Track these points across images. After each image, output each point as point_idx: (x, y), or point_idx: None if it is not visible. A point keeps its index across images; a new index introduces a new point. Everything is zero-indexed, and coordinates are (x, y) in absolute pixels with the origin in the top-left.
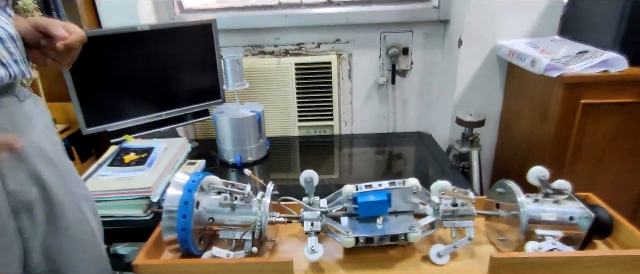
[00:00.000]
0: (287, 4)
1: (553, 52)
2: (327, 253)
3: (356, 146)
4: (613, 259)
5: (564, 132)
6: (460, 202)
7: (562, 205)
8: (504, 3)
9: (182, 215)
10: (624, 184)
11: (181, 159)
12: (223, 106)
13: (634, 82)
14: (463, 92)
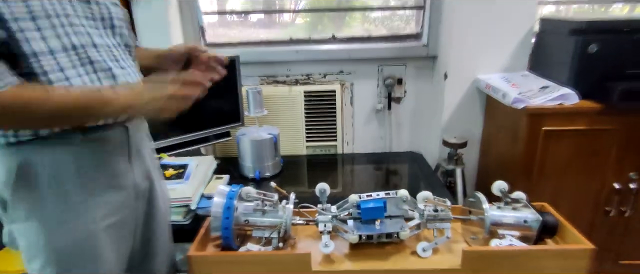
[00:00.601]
0: (297, 40)
1: (522, 86)
2: (336, 248)
3: (357, 163)
4: (554, 252)
5: (531, 153)
6: (440, 208)
7: (518, 211)
8: (482, 42)
9: (225, 217)
10: (583, 196)
11: (210, 174)
12: (244, 128)
13: (584, 113)
14: (449, 118)
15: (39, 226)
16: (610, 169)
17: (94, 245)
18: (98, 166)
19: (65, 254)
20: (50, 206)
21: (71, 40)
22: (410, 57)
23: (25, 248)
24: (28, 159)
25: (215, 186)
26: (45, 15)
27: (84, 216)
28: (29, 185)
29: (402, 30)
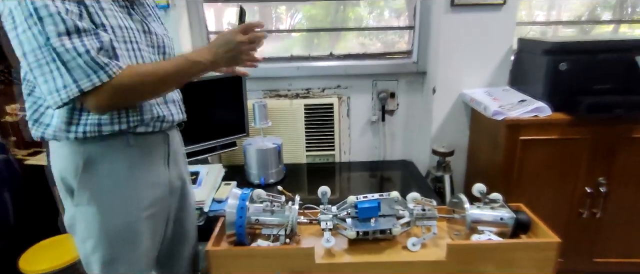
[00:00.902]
0: (298, 57)
1: (502, 100)
2: (337, 244)
3: (353, 171)
4: (526, 245)
5: (510, 161)
6: (427, 208)
7: (496, 210)
8: (467, 60)
9: (239, 216)
10: (558, 199)
11: (219, 180)
12: (250, 139)
13: (556, 124)
14: (437, 129)
15: (96, 211)
16: (581, 174)
17: (136, 231)
18: (144, 164)
19: (113, 237)
20: (106, 195)
21: (139, 60)
22: (401, 73)
23: (83, 229)
24: (92, 156)
25: (224, 191)
26: (127, 41)
27: (131, 206)
28: (92, 177)
29: (397, 44)
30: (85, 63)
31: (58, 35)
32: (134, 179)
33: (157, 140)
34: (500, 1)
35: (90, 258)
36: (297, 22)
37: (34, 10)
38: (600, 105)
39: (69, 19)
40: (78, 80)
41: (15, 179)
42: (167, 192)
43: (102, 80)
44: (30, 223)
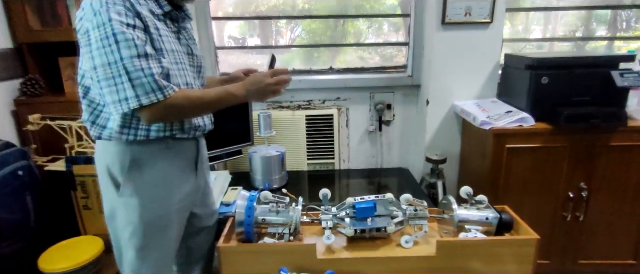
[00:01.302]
0: (299, 71)
1: (490, 111)
2: (336, 241)
3: (352, 178)
4: (507, 241)
5: (497, 167)
6: (419, 208)
7: (481, 211)
8: (457, 74)
9: (247, 216)
10: (543, 203)
11: (226, 186)
12: (254, 147)
13: (538, 133)
14: (431, 138)
15: (137, 202)
16: (563, 180)
17: (168, 222)
18: (178, 165)
19: (149, 225)
20: (147, 189)
21: (186, 79)
22: (397, 85)
23: (123, 217)
24: (137, 156)
25: (231, 195)
26: (178, 62)
27: (166, 200)
28: (136, 174)
29: (395, 57)
30: (149, 83)
31: (130, 57)
32: (170, 177)
33: (190, 145)
34: (487, 20)
35: (128, 243)
36: (297, 35)
37: (112, 34)
38: (578, 115)
39: (140, 44)
40: (140, 95)
41: (36, 184)
42: (194, 189)
43: (159, 98)
44: (49, 225)
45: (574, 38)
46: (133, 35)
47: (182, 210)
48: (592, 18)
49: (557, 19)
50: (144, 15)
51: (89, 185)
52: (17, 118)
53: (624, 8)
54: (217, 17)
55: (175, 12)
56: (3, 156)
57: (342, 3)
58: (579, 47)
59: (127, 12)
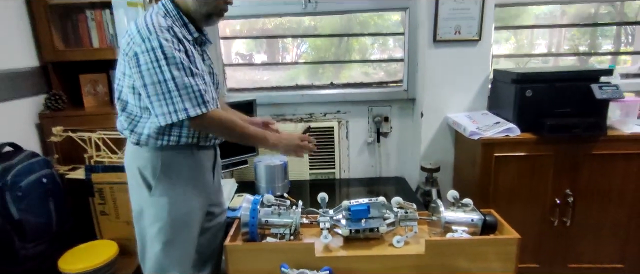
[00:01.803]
0: (302, 86)
1: (480, 122)
2: (333, 241)
3: (351, 186)
4: (490, 240)
5: (486, 175)
6: (410, 211)
7: (467, 213)
8: (449, 88)
9: (252, 217)
10: (531, 209)
11: (232, 193)
12: (259, 157)
13: (524, 142)
14: (426, 148)
15: (167, 201)
16: (549, 187)
17: (191, 219)
18: (200, 169)
19: (176, 222)
20: (175, 190)
21: (211, 94)
22: (394, 99)
23: (152, 215)
24: (167, 161)
25: (237, 201)
26: (206, 81)
27: (190, 199)
28: (166, 176)
29: (398, 72)
30: (196, 97)
31: (181, 76)
32: (194, 179)
33: (209, 152)
34: (476, 38)
35: (154, 239)
36: (304, 51)
37: (163, 57)
38: (561, 126)
39: (187, 64)
40: (188, 108)
41: (58, 191)
42: (212, 191)
43: (203, 111)
44: (69, 229)
45: (567, 53)
46: (180, 57)
47: (201, 210)
48: (597, 32)
49: (562, 33)
50: (180, 39)
51: (106, 192)
52: (41, 130)
53: (607, 25)
54: (226, 36)
55: (201, 37)
56: (30, 165)
57: (345, 17)
58: (583, 61)
59: (173, 39)
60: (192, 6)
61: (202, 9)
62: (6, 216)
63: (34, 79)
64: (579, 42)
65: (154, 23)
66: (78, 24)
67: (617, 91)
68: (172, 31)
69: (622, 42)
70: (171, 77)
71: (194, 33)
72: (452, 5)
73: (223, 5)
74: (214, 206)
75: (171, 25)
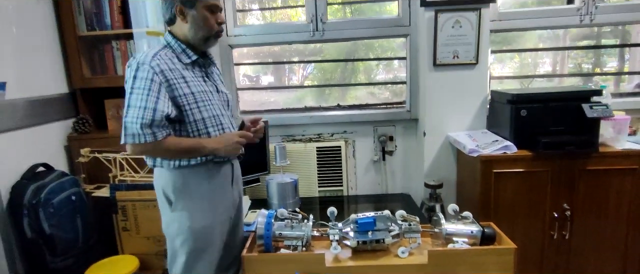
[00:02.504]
0: (310, 108)
1: (479, 140)
2: (342, 252)
3: (359, 203)
4: (488, 250)
5: (487, 190)
6: (413, 223)
7: (467, 225)
8: (450, 108)
9: (267, 230)
10: (532, 223)
11: (246, 209)
12: (271, 175)
13: (521, 159)
14: (429, 166)
15: (188, 215)
16: (548, 201)
17: (213, 231)
18: (218, 184)
19: (198, 234)
20: (194, 204)
21: (213, 112)
22: (398, 119)
23: (176, 228)
24: (186, 178)
25: (251, 217)
26: (205, 99)
27: (210, 213)
28: (185, 192)
29: (404, 92)
30: (139, 127)
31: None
32: (213, 194)
33: (226, 167)
34: (473, 61)
35: (179, 250)
36: (310, 73)
37: (131, 86)
38: (555, 143)
39: (152, 95)
40: (127, 135)
41: (84, 208)
42: (231, 204)
43: (139, 141)
44: (93, 245)
45: (564, 74)
46: (148, 88)
47: (223, 221)
48: (601, 50)
49: (565, 52)
50: (169, 69)
51: (129, 209)
52: (69, 151)
53: (603, 48)
54: (239, 63)
55: (201, 60)
56: (61, 184)
57: (351, 38)
58: (586, 80)
59: (154, 70)
60: (189, 34)
61: (198, 34)
62: (39, 231)
63: (64, 104)
64: (583, 60)
65: (143, 57)
66: (104, 54)
67: (606, 109)
68: (157, 65)
69: (627, 59)
70: (127, 105)
71: (193, 57)
72: (449, 32)
73: (217, 27)
74: (234, 218)
75: (162, 57)
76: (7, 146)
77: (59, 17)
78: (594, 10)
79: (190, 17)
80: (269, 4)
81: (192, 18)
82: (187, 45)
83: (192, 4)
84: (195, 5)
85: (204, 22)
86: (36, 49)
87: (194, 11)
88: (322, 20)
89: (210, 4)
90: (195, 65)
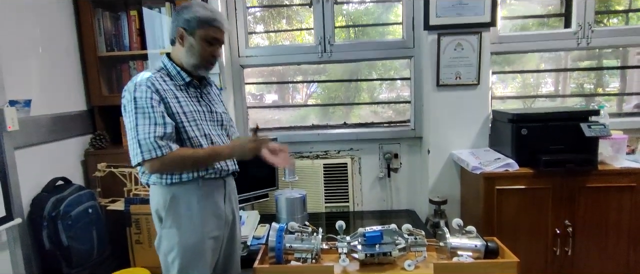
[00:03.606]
0: (318, 126)
1: (482, 158)
2: (350, 264)
3: (365, 219)
4: (491, 263)
5: (490, 207)
6: (419, 237)
7: (471, 240)
8: (453, 127)
9: (278, 242)
10: (535, 239)
11: (256, 223)
12: (280, 190)
13: (522, 176)
14: (434, 183)
15: (177, 232)
16: (550, 218)
17: (203, 248)
18: (209, 200)
19: (187, 250)
20: (184, 220)
21: (204, 131)
22: (402, 137)
23: (167, 245)
24: (175, 194)
25: (261, 231)
26: (196, 119)
27: (200, 229)
28: (175, 208)
29: (407, 111)
30: (151, 144)
31: (143, 124)
32: (203, 210)
33: (218, 183)
34: (475, 82)
35: (170, 266)
36: (313, 91)
37: (134, 107)
38: (555, 161)
39: (155, 114)
40: (143, 152)
41: (100, 221)
42: (223, 222)
43: (152, 157)
44: (107, 257)
45: (563, 95)
46: (149, 107)
47: (215, 240)
48: (604, 72)
49: (567, 74)
50: (163, 89)
51: (142, 222)
52: (85, 166)
53: (600, 70)
54: (249, 82)
55: (195, 81)
56: (79, 197)
57: (357, 60)
58: (589, 100)
59: (150, 91)
60: (183, 58)
61: (190, 60)
62: (57, 243)
63: (82, 121)
64: (584, 81)
65: (139, 78)
66: (122, 73)
67: (604, 129)
68: (149, 82)
69: (628, 79)
70: (135, 126)
71: (186, 78)
72: (452, 54)
73: (210, 59)
74: (228, 237)
75: (157, 78)
76: (30, 159)
77: (81, 38)
78: (590, 34)
79: (187, 43)
80: (275, 26)
81: (189, 44)
82: (181, 68)
83: (192, 32)
84: (195, 34)
85: (199, 51)
86: (59, 68)
87: (193, 39)
88: (330, 42)
89: (211, 36)
90: (189, 86)
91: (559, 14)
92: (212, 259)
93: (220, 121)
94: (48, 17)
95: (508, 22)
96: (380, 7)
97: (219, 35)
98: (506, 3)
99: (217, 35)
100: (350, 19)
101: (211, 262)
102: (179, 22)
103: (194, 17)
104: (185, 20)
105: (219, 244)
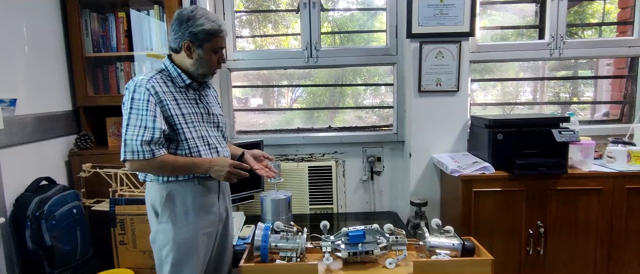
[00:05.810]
0: (303, 129)
1: (461, 161)
2: (333, 263)
3: (348, 220)
4: (467, 261)
5: (467, 208)
6: (400, 236)
7: (449, 239)
8: (434, 131)
9: (263, 241)
10: (510, 239)
11: (242, 224)
12: (265, 192)
13: (498, 179)
14: (415, 185)
15: (172, 227)
16: (523, 219)
17: (196, 244)
18: (203, 198)
19: (181, 245)
20: (179, 216)
21: (201, 133)
22: (385, 141)
23: (162, 239)
24: (171, 191)
25: (246, 232)
26: (194, 121)
27: (194, 225)
28: (170, 204)
29: (390, 116)
30: (137, 145)
31: (134, 124)
32: (198, 207)
33: (213, 182)
34: (454, 89)
35: (164, 261)
36: (298, 96)
37: (130, 106)
38: (528, 165)
39: (149, 115)
40: (126, 152)
41: (83, 222)
42: (217, 219)
43: (135, 158)
44: (90, 258)
45: (538, 102)
46: (144, 108)
47: (208, 236)
48: (579, 81)
49: (545, 82)
50: (163, 91)
51: (127, 223)
52: (70, 166)
53: (571, 79)
54: (236, 85)
55: (195, 84)
56: (63, 197)
57: (343, 65)
58: (565, 108)
59: (149, 92)
60: (191, 68)
61: (199, 70)
62: (40, 242)
63: (67, 121)
64: (560, 90)
65: (140, 79)
66: (108, 73)
67: (574, 135)
68: (149, 84)
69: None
70: (126, 124)
71: (187, 81)
72: (433, 61)
73: (217, 66)
74: (221, 233)
75: (157, 80)
76: (15, 159)
77: (68, 38)
78: (562, 45)
79: (195, 55)
80: (261, 30)
81: (197, 56)
82: (182, 71)
83: (200, 44)
84: (203, 46)
85: (208, 62)
86: (45, 68)
87: (201, 51)
88: (316, 48)
89: (217, 46)
90: (189, 88)
91: (533, 26)
92: (205, 255)
93: (216, 123)
94: (35, 16)
95: (489, 32)
96: (365, 14)
97: (224, 43)
98: (487, 13)
99: (223, 43)
100: (336, 26)
101: (204, 257)
102: (185, 35)
103: (202, 30)
104: (192, 34)
105: (212, 240)
